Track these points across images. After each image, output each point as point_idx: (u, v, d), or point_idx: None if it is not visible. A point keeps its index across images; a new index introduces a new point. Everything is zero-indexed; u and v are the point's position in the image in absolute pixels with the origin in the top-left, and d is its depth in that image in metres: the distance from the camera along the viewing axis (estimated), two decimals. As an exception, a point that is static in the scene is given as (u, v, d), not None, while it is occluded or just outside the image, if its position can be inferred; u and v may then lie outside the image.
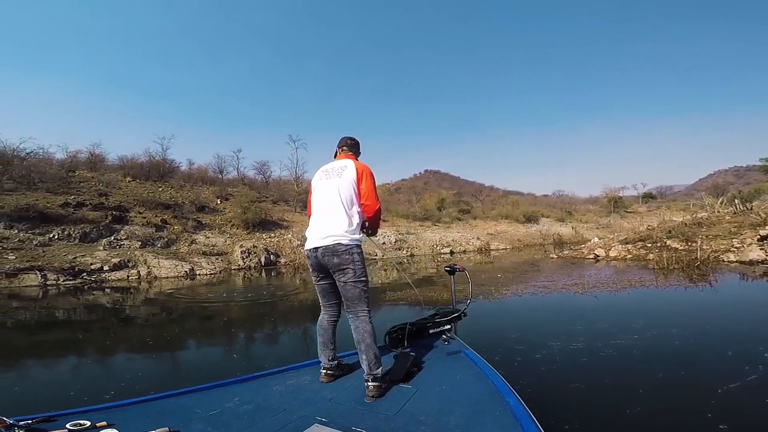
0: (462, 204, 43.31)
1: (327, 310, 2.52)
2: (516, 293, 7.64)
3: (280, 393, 2.15)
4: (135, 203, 19.14)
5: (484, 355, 4.00)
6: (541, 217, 41.28)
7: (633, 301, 6.62)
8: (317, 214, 2.40)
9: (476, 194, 53.06)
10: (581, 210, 50.39)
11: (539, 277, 10.23)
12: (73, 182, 20.20)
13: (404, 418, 1.76)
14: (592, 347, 4.19)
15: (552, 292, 7.55)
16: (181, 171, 29.31)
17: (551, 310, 6.36)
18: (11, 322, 7.08)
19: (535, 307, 6.55)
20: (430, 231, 27.71)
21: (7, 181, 17.28)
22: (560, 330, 4.92)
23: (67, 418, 1.69)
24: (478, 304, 6.73)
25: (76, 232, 14.36)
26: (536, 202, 55.66)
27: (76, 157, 25.42)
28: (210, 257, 16.15)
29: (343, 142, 2.67)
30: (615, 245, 16.06)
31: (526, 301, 6.99)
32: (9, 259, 11.30)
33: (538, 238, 31.01)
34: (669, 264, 10.43)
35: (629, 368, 3.62)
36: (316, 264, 2.38)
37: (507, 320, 5.66)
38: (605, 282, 8.51)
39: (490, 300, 7.07)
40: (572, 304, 6.58)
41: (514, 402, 1.80)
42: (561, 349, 4.15)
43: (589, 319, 5.43)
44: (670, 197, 66.93)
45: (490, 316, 5.98)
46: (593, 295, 7.07)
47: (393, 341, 2.88)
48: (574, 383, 3.27)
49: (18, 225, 13.40)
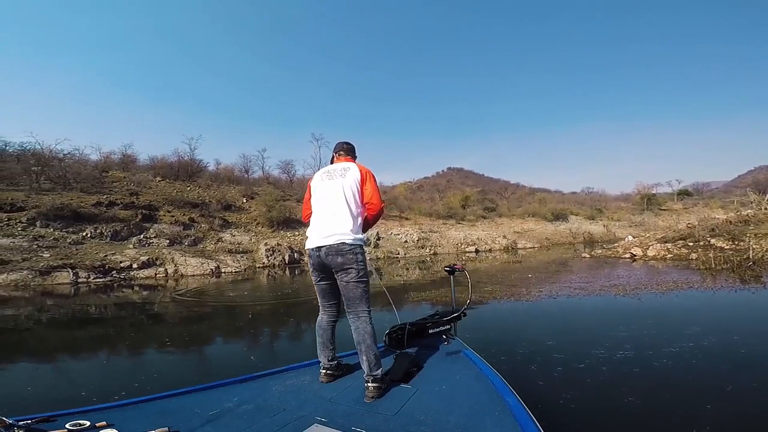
0: (487, 202, 42.48)
1: (326, 311, 2.50)
2: (550, 295, 7.19)
3: (279, 393, 2.14)
4: (164, 202, 19.59)
5: (519, 366, 3.70)
6: (570, 214, 40.00)
7: (682, 305, 6.09)
8: (320, 214, 2.40)
9: (501, 192, 51.93)
10: (612, 208, 48.72)
11: (573, 277, 9.70)
12: (106, 182, 20.91)
13: (404, 418, 1.75)
14: (643, 356, 3.79)
15: (590, 294, 7.07)
16: (208, 171, 30.01)
17: (591, 313, 5.92)
18: (47, 318, 7.23)
19: (573, 311, 6.10)
20: (454, 229, 27.20)
21: (45, 182, 18.02)
22: (603, 336, 4.52)
23: (66, 418, 1.68)
24: (509, 307, 6.36)
25: (107, 231, 14.75)
26: (564, 199, 54.11)
27: (110, 158, 26.46)
28: (235, 255, 16.30)
29: (339, 147, 2.68)
30: (653, 244, 15.22)
31: (562, 303, 6.53)
32: (44, 257, 11.68)
33: (568, 237, 29.96)
34: (717, 264, 9.69)
35: (691, 381, 3.21)
36: (318, 263, 2.36)
37: (542, 325, 5.24)
38: (647, 283, 7.94)
39: (522, 302, 6.66)
40: (614, 308, 6.11)
41: (513, 402, 1.80)
42: (607, 359, 3.76)
43: (634, 323, 4.98)
44: (708, 194, 63.52)
45: (523, 321, 5.60)
46: (636, 298, 6.57)
47: (393, 341, 2.85)
48: (627, 398, 2.91)
49: (53, 224, 13.88)
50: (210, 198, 22.87)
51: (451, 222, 29.83)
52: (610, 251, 16.41)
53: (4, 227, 12.81)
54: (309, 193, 2.55)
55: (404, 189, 45.51)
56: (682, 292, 6.87)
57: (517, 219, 35.05)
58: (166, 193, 21.40)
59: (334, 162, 2.63)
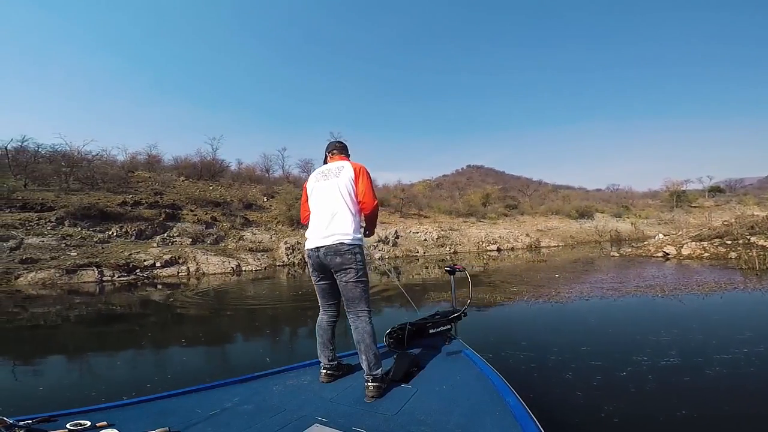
0: (508, 199, 41.62)
1: (326, 311, 2.50)
2: (581, 296, 6.81)
3: (280, 393, 2.15)
4: (187, 201, 19.91)
5: (552, 374, 3.43)
6: (596, 212, 38.82)
7: (728, 307, 5.66)
8: (318, 215, 2.40)
9: (523, 189, 50.83)
10: (639, 205, 47.09)
11: (603, 277, 9.23)
12: (132, 182, 21.42)
13: (404, 418, 1.75)
14: (693, 364, 3.46)
15: (625, 295, 6.66)
16: (230, 170, 30.45)
17: (627, 316, 5.54)
18: (75, 316, 7.34)
19: (607, 313, 5.73)
20: (474, 227, 26.72)
21: (74, 182, 18.58)
22: (643, 341, 4.19)
23: (67, 418, 1.69)
24: (538, 309, 6.02)
25: (132, 230, 15.05)
26: (588, 196, 52.66)
27: (136, 159, 27.20)
28: (256, 253, 16.40)
29: (332, 146, 2.69)
30: (687, 242, 14.47)
31: (594, 305, 6.17)
32: (71, 255, 11.98)
33: (593, 235, 28.98)
34: (761, 264, 9.06)
35: (752, 391, 2.89)
36: (317, 264, 2.36)
37: (575, 329, 4.91)
38: (687, 284, 7.46)
39: (552, 304, 6.31)
40: (652, 310, 5.72)
41: (513, 402, 1.79)
42: (651, 366, 3.46)
43: (677, 327, 4.62)
44: (741, 191, 60.49)
45: (553, 324, 5.26)
46: (677, 299, 6.14)
47: (393, 341, 2.84)
48: (681, 411, 2.63)
49: (81, 223, 14.25)
50: (232, 197, 23.14)
51: (472, 220, 29.32)
52: (640, 250, 15.72)
53: (34, 226, 13.23)
54: (306, 195, 2.55)
55: (423, 187, 45.08)
56: (726, 294, 6.41)
57: (540, 217, 34.21)
58: (189, 193, 21.76)
59: (328, 161, 2.64)
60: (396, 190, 33.83)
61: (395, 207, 28.98)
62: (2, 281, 10.11)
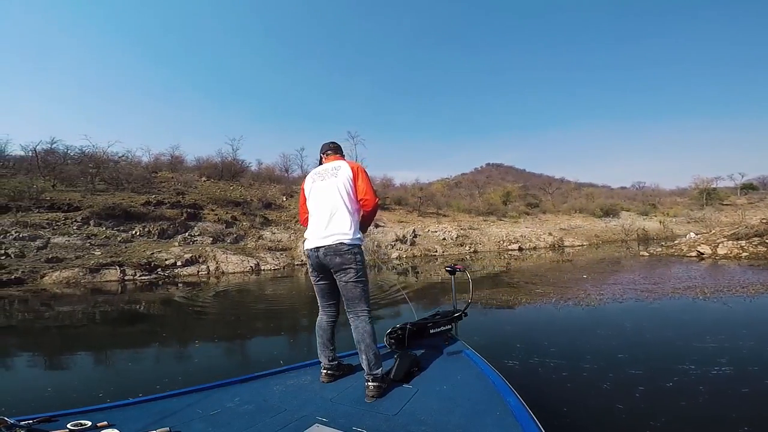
0: (529, 197, 40.79)
1: (326, 311, 2.49)
2: (614, 298, 6.42)
3: (280, 393, 2.14)
4: (208, 201, 20.17)
5: (587, 384, 3.15)
6: (621, 210, 37.62)
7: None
8: (317, 215, 2.39)
9: (545, 187, 49.69)
10: (667, 203, 45.55)
11: (635, 277, 8.75)
12: (155, 182, 21.86)
13: (405, 418, 1.74)
14: (748, 374, 3.13)
15: (661, 297, 6.24)
16: (251, 171, 30.81)
17: (667, 320, 5.13)
18: (99, 314, 7.42)
19: (644, 317, 5.32)
20: (495, 226, 26.19)
21: (99, 183, 19.07)
22: (688, 348, 3.85)
23: (67, 418, 1.69)
24: (567, 313, 5.67)
25: (155, 229, 15.29)
26: (613, 194, 51.26)
27: (160, 160, 27.83)
28: (275, 252, 16.43)
29: (326, 147, 2.67)
30: (722, 241, 13.71)
31: (629, 308, 5.77)
32: (95, 254, 12.22)
33: (620, 234, 28.01)
34: (809, 263, 8.44)
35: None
36: (317, 264, 2.36)
37: (609, 334, 4.55)
38: (729, 285, 6.96)
39: (582, 307, 5.94)
40: (694, 313, 5.32)
41: (514, 402, 1.78)
42: (701, 376, 3.13)
43: (724, 333, 4.24)
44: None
45: (585, 329, 4.91)
46: (720, 302, 5.71)
47: (394, 341, 2.80)
48: (742, 428, 2.32)
49: (105, 223, 14.55)
50: (251, 197, 23.36)
51: (492, 219, 28.77)
52: (671, 249, 15.01)
53: (61, 226, 13.58)
54: (303, 197, 2.53)
55: (441, 186, 44.68)
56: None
57: (563, 215, 33.35)
58: (210, 193, 22.06)
59: (323, 162, 2.61)
60: (414, 188, 33.58)
61: (413, 206, 28.73)
62: (29, 280, 10.36)
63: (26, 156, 20.52)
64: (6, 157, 21.18)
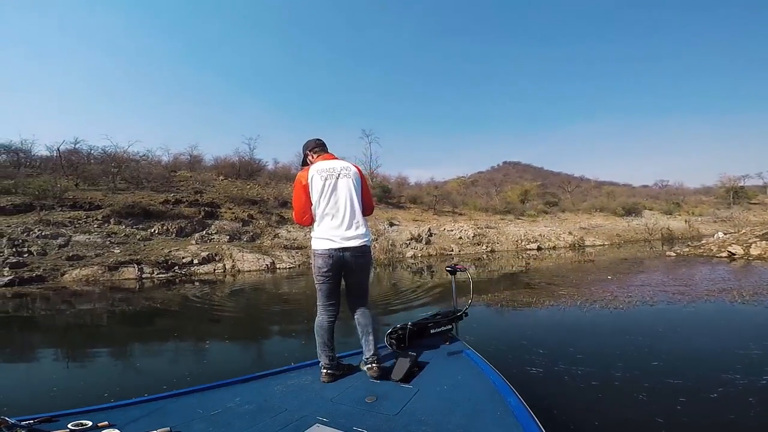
0: (548, 196, 40.00)
1: (327, 311, 2.45)
2: (643, 300, 6.08)
3: (281, 393, 2.15)
4: (225, 200, 20.34)
5: (619, 394, 2.96)
6: (644, 209, 36.52)
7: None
8: (335, 214, 2.36)
9: (564, 185, 48.68)
10: (691, 201, 44.16)
11: (664, 279, 8.33)
12: (174, 181, 22.18)
13: (405, 418, 1.74)
14: (803, 388, 2.83)
15: (695, 300, 5.89)
16: (267, 170, 31.05)
17: (703, 325, 4.83)
18: (119, 311, 7.49)
19: (678, 321, 5.00)
20: (513, 225, 25.67)
21: (120, 182, 19.45)
22: (730, 356, 3.57)
23: (68, 418, 1.70)
24: (594, 316, 5.37)
25: (173, 228, 15.47)
26: (635, 193, 49.92)
27: (179, 159, 28.30)
28: (290, 251, 16.44)
29: (319, 144, 2.62)
30: (756, 241, 13.05)
31: (662, 312, 5.44)
32: (114, 252, 12.40)
33: (643, 233, 27.14)
34: None
35: None
36: (338, 264, 2.34)
37: (640, 340, 4.24)
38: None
39: (610, 310, 5.63)
40: (732, 318, 4.99)
41: (515, 402, 1.78)
42: (748, 387, 2.88)
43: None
44: (807, 186, 54.94)
45: (614, 333, 4.61)
46: (761, 305, 5.34)
47: (394, 341, 2.80)
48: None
49: (125, 221, 14.78)
50: (268, 195, 23.46)
51: (510, 217, 28.23)
52: (700, 249, 14.39)
53: (82, 224, 13.84)
54: (307, 194, 2.39)
55: (457, 184, 44.22)
56: (821, 300, 5.51)
57: (584, 214, 32.53)
58: (227, 191, 22.26)
59: (316, 160, 2.53)
60: (429, 187, 33.27)
61: (428, 204, 28.45)
62: (49, 277, 10.57)
63: (51, 156, 21.10)
64: (32, 157, 21.84)
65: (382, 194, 28.28)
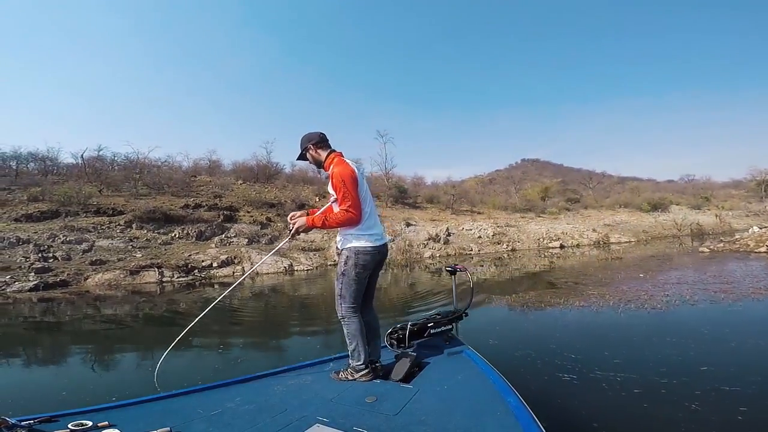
0: (569, 193, 39.09)
1: (358, 310, 2.43)
2: (683, 300, 5.67)
3: (281, 393, 2.14)
4: (244, 203, 20.52)
5: (675, 408, 2.69)
6: (671, 204, 35.26)
7: None
8: (374, 211, 2.45)
9: (585, 182, 47.49)
10: (720, 195, 42.62)
11: (702, 276, 7.82)
12: (194, 186, 22.53)
13: (405, 418, 1.73)
14: None
15: (740, 299, 5.46)
16: (285, 173, 31.29)
17: (754, 325, 4.41)
18: (143, 314, 7.52)
19: (724, 321, 4.61)
20: (534, 223, 25.07)
21: (142, 187, 19.85)
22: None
23: (68, 418, 1.69)
24: (631, 318, 5.01)
25: (193, 231, 15.65)
26: (659, 188, 48.44)
27: (199, 164, 28.82)
28: (308, 253, 16.40)
29: (324, 138, 2.53)
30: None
31: (704, 311, 5.05)
32: (136, 257, 12.59)
33: (670, 229, 26.12)
34: None
35: None
36: (381, 261, 2.45)
37: (685, 342, 3.89)
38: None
39: (647, 311, 5.24)
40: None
41: (515, 402, 1.77)
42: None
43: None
44: None
45: (654, 337, 4.24)
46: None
47: (395, 341, 2.81)
48: None
49: (147, 226, 15.03)
50: (285, 198, 23.58)
51: (530, 215, 27.64)
52: (735, 244, 13.67)
53: (105, 229, 14.13)
54: (355, 188, 2.31)
55: (475, 183, 43.70)
56: None
57: (607, 210, 31.64)
58: (246, 195, 22.45)
59: (326, 156, 2.48)
60: (446, 186, 32.91)
61: (446, 204, 28.12)
62: (73, 282, 10.76)
63: (76, 163, 21.73)
64: (59, 165, 22.54)
65: (398, 194, 28.07)
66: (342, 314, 2.39)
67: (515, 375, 3.31)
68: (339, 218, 2.29)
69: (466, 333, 3.31)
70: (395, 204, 27.11)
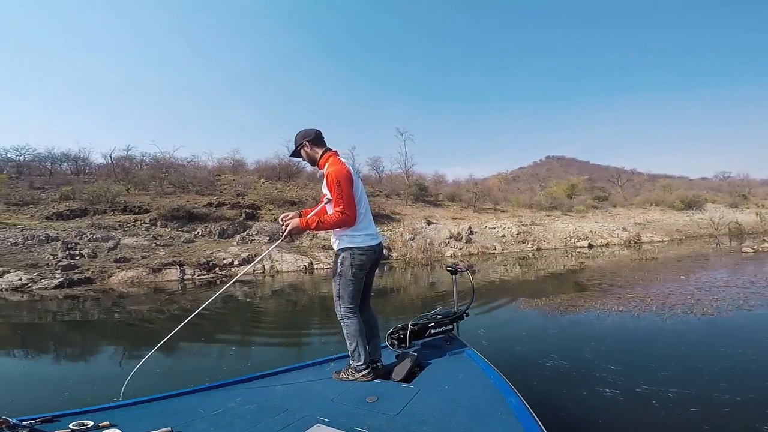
0: (596, 190, 37.77)
1: (357, 311, 2.41)
2: (736, 304, 5.18)
3: (282, 393, 2.14)
4: (265, 201, 20.67)
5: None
6: (706, 202, 33.56)
7: None
8: (368, 211, 2.44)
9: (613, 179, 45.83)
10: (759, 193, 40.54)
11: (751, 278, 7.19)
12: (218, 185, 22.88)
13: (406, 418, 1.72)
14: None
15: (801, 304, 4.95)
16: (306, 171, 31.44)
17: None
18: (167, 310, 7.55)
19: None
20: (560, 221, 24.25)
21: (168, 186, 20.27)
22: None
23: (69, 418, 1.70)
24: (677, 324, 4.59)
25: (215, 230, 15.81)
26: (693, 185, 46.31)
27: (223, 163, 29.35)
28: (328, 251, 16.31)
29: (320, 136, 2.49)
30: None
31: (764, 318, 4.58)
32: (159, 254, 12.76)
33: (707, 228, 24.80)
34: None
35: None
36: (377, 260, 2.44)
37: (745, 354, 3.46)
38: None
39: (697, 317, 4.78)
40: None
41: (515, 402, 1.77)
42: None
43: None
44: None
45: (708, 347, 3.83)
46: None
47: (395, 341, 2.81)
48: None
49: (171, 224, 15.27)
50: (306, 196, 23.64)
51: (557, 213, 26.76)
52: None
53: (131, 228, 14.42)
54: (351, 188, 2.28)
55: (498, 180, 42.84)
56: None
57: (638, 208, 30.37)
58: (267, 193, 22.64)
59: (321, 155, 2.45)
60: (468, 184, 32.32)
61: (468, 202, 27.58)
62: (97, 279, 10.94)
63: (106, 163, 22.43)
64: (90, 165, 23.33)
65: (419, 192, 27.72)
66: (341, 315, 2.38)
67: (552, 390, 3.01)
68: (334, 220, 2.26)
69: (493, 343, 3.11)
70: (416, 202, 26.78)
